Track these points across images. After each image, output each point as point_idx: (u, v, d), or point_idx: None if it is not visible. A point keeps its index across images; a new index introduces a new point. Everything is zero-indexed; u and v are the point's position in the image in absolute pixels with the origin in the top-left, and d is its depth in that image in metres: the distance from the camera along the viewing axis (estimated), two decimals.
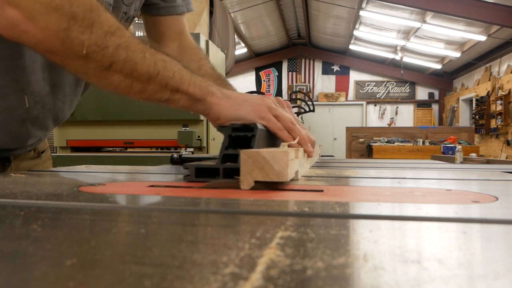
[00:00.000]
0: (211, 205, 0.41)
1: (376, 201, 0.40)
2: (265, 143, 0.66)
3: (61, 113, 0.87)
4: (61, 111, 0.85)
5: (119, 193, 0.48)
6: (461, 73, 10.93)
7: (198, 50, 1.03)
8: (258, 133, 0.60)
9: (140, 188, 0.52)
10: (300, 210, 0.35)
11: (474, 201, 0.40)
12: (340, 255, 0.22)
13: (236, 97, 0.68)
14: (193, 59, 0.99)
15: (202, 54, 1.03)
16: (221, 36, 4.46)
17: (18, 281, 0.18)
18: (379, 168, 0.92)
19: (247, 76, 12.95)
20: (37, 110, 0.78)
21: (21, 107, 0.75)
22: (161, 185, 0.55)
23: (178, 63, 0.64)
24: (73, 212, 0.36)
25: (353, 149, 8.37)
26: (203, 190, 0.49)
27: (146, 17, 1.01)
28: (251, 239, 0.25)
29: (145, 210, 0.38)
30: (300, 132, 0.68)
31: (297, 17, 10.40)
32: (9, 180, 0.61)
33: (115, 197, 0.45)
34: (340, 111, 12.69)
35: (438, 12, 7.32)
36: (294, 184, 0.56)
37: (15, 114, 0.75)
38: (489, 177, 0.71)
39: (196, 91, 0.64)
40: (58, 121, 0.88)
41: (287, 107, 0.75)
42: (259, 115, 0.66)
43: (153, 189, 0.50)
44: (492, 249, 0.24)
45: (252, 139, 0.59)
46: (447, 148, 6.25)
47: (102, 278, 0.18)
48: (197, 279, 0.18)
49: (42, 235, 0.27)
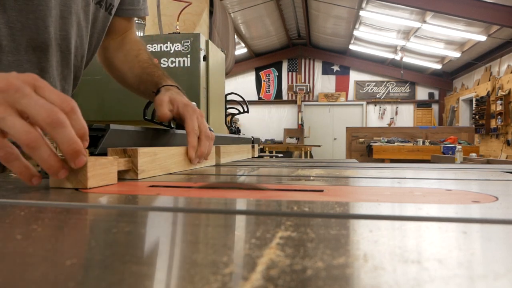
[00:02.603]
0: (211, 205, 0.41)
1: (376, 201, 0.40)
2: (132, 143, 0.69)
3: None
4: None
5: (119, 193, 0.48)
6: (461, 73, 10.94)
7: (139, 43, 1.12)
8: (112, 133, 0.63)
9: (140, 188, 0.52)
10: (300, 210, 0.35)
11: (474, 201, 0.40)
12: (340, 255, 0.22)
13: None
14: (133, 49, 1.08)
15: (142, 46, 1.11)
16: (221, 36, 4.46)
17: (18, 281, 0.18)
18: (378, 168, 0.92)
19: (247, 76, 12.96)
20: None
21: None
22: (161, 185, 0.55)
23: None
24: (74, 212, 0.36)
25: (353, 149, 8.38)
26: (203, 190, 0.49)
27: None
28: (251, 239, 0.25)
29: (145, 210, 0.38)
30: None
31: (297, 17, 10.40)
32: (9, 180, 0.61)
33: (115, 197, 0.45)
34: (340, 111, 12.70)
35: (438, 12, 7.32)
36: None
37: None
38: (489, 177, 0.71)
39: None
40: None
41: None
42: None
43: (153, 189, 0.50)
44: (492, 249, 0.24)
45: (101, 139, 0.61)
46: (447, 148, 6.25)
47: (103, 278, 0.18)
48: (197, 279, 0.18)
49: (42, 235, 0.27)
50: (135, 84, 1.05)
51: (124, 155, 0.59)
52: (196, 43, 2.74)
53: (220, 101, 3.02)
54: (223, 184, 0.53)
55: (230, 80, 12.28)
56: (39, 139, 0.42)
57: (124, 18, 1.08)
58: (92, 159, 0.49)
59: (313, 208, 0.36)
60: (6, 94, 0.41)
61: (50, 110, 0.41)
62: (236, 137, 1.55)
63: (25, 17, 0.75)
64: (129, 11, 1.08)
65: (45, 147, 0.42)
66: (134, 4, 1.08)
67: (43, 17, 0.77)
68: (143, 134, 0.79)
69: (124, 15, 1.07)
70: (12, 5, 0.72)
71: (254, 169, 0.88)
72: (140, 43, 1.12)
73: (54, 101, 0.43)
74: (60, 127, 0.42)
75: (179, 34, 2.85)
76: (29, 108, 0.41)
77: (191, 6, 3.28)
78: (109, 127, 0.62)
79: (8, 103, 0.41)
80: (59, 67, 0.86)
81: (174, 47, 2.80)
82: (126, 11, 1.07)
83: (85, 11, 0.87)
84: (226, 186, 0.52)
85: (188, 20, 3.52)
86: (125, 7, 1.06)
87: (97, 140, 0.61)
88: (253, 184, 0.59)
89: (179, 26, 3.09)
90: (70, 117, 0.43)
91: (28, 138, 0.41)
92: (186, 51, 2.77)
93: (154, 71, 1.00)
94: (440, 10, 7.20)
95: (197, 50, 2.74)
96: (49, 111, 0.41)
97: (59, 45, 0.83)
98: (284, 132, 12.35)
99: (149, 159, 0.62)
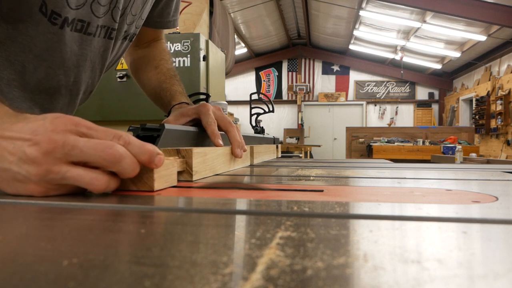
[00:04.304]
0: (211, 205, 0.41)
1: (376, 201, 0.40)
2: (184, 143, 0.67)
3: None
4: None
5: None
6: (461, 73, 10.94)
7: (165, 52, 1.08)
8: (167, 133, 0.62)
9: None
10: (300, 210, 0.35)
11: (474, 201, 0.40)
12: (340, 255, 0.22)
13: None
14: (155, 58, 1.05)
15: (166, 56, 1.08)
16: (221, 36, 4.46)
17: (18, 281, 0.18)
18: (377, 169, 0.92)
19: (247, 76, 12.96)
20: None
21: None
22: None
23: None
24: (74, 212, 0.36)
25: (353, 149, 8.38)
26: (204, 190, 0.49)
27: None
28: (251, 239, 0.25)
29: (145, 210, 0.38)
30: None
31: (297, 17, 10.40)
32: None
33: (116, 197, 0.45)
34: (340, 111, 12.70)
35: (438, 12, 7.33)
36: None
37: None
38: (489, 177, 0.71)
39: None
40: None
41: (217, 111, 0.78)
42: None
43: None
44: (492, 249, 0.24)
45: (157, 139, 0.60)
46: (447, 148, 6.25)
47: (103, 278, 0.18)
48: (197, 279, 0.18)
49: (42, 235, 0.27)
50: (152, 97, 1.04)
51: (177, 155, 0.57)
52: (196, 43, 2.74)
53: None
54: (223, 184, 0.53)
55: (230, 80, 12.28)
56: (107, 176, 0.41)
57: (153, 29, 1.05)
58: None
59: (313, 208, 0.36)
60: (54, 154, 0.38)
61: (105, 148, 0.39)
62: (262, 137, 1.54)
63: (39, 62, 0.73)
64: (158, 23, 1.04)
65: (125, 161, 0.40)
66: (163, 17, 1.04)
67: (56, 66, 0.75)
68: (186, 134, 0.76)
69: (152, 27, 1.03)
70: (30, 48, 0.70)
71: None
72: (165, 53, 1.07)
73: (101, 138, 0.41)
74: (122, 159, 0.40)
75: (179, 34, 2.85)
76: (83, 156, 0.39)
77: (191, 6, 3.28)
78: (164, 127, 0.61)
79: (61, 162, 0.39)
80: (64, 106, 0.83)
81: (174, 47, 2.80)
82: (155, 23, 1.03)
83: (102, 56, 0.83)
84: (227, 186, 0.52)
85: (188, 20, 3.52)
86: (155, 19, 1.02)
87: (152, 141, 0.59)
88: (253, 184, 0.59)
89: (179, 26, 3.09)
90: (127, 148, 0.41)
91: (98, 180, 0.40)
92: (186, 51, 2.77)
93: (168, 87, 0.97)
94: (440, 10, 7.20)
95: (197, 50, 2.74)
96: (104, 149, 0.39)
97: (69, 89, 0.81)
98: (284, 132, 12.35)
99: (200, 159, 0.60)
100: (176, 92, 0.95)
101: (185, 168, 0.57)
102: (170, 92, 0.95)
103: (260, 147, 1.13)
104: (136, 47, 1.07)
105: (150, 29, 1.04)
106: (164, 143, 0.63)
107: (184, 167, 0.57)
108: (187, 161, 0.57)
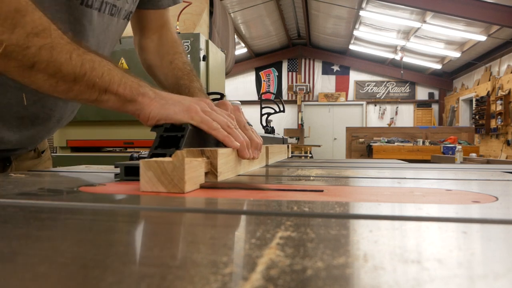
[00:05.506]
0: (211, 205, 0.41)
1: (376, 201, 0.40)
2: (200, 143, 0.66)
3: (64, 114, 0.87)
4: (63, 111, 0.86)
5: (120, 193, 0.48)
6: (461, 73, 10.93)
7: (176, 44, 1.04)
8: (191, 133, 0.61)
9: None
10: (300, 210, 0.35)
11: (474, 201, 0.40)
12: (340, 255, 0.22)
13: (170, 98, 0.66)
14: (169, 52, 1.01)
15: (179, 48, 1.04)
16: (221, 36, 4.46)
17: (18, 281, 0.18)
18: (377, 168, 0.92)
19: (247, 76, 12.96)
20: (37, 109, 0.79)
21: (19, 105, 0.75)
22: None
23: (109, 63, 0.62)
24: (74, 212, 0.36)
25: (353, 149, 8.38)
26: (204, 190, 0.49)
27: None
28: (251, 239, 0.25)
29: (145, 210, 0.38)
30: (238, 137, 0.66)
31: (297, 17, 10.40)
32: (9, 180, 0.61)
33: (116, 197, 0.45)
34: (340, 111, 12.69)
35: (438, 12, 7.32)
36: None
37: (13, 111, 0.76)
38: (489, 177, 0.71)
39: (126, 92, 0.62)
40: (61, 122, 0.88)
41: (236, 110, 0.76)
42: (190, 115, 0.63)
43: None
44: (492, 249, 0.24)
45: (181, 139, 0.59)
46: (447, 148, 6.25)
47: (103, 278, 0.18)
48: (197, 279, 0.18)
49: (42, 235, 0.27)
50: None
51: (202, 156, 0.57)
52: (196, 43, 2.74)
53: None
54: (227, 184, 0.53)
55: (230, 80, 12.28)
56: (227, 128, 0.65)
57: (151, 11, 1.00)
58: (187, 161, 0.46)
59: (313, 208, 0.36)
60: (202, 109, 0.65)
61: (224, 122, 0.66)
62: (272, 137, 1.53)
63: (33, 99, 0.76)
64: (161, 1, 1.00)
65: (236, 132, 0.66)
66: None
67: (50, 106, 0.81)
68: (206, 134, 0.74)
69: (156, 8, 1.00)
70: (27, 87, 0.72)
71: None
72: (177, 45, 1.04)
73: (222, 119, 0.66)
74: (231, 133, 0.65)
75: (179, 34, 2.85)
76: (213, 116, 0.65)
77: (191, 6, 3.28)
78: (188, 127, 0.60)
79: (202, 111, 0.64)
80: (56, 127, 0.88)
81: None
82: (158, 3, 1.00)
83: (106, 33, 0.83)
84: (226, 186, 0.52)
85: (188, 20, 3.52)
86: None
87: (177, 141, 0.59)
88: (253, 184, 0.59)
89: (179, 26, 3.09)
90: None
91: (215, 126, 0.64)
92: (186, 51, 2.76)
93: (187, 83, 0.95)
94: (440, 10, 7.20)
95: (197, 50, 2.74)
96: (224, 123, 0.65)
97: (60, 117, 0.85)
98: (284, 132, 12.34)
99: (224, 160, 0.60)
100: (195, 89, 0.93)
101: (210, 169, 0.57)
102: (189, 89, 0.93)
103: (273, 147, 1.12)
104: (146, 38, 1.03)
105: (155, 12, 1.01)
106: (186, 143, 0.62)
107: (209, 168, 0.57)
108: (211, 161, 0.57)
